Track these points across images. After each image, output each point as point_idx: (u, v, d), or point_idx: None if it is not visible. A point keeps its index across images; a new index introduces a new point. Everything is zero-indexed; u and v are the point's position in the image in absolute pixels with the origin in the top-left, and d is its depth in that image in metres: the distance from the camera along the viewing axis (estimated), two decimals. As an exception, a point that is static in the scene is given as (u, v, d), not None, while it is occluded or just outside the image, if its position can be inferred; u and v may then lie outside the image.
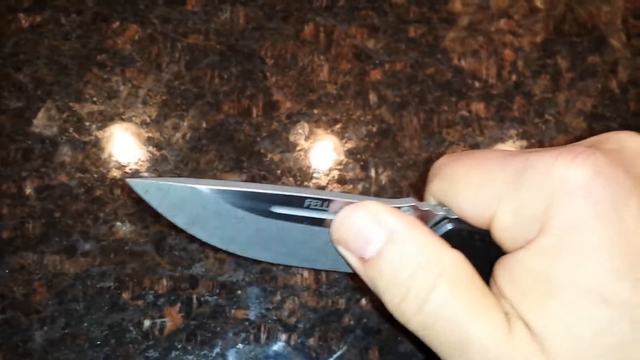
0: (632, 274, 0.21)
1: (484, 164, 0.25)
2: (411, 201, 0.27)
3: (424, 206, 0.26)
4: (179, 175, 0.43)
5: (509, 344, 0.22)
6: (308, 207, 0.26)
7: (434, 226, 0.27)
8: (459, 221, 0.26)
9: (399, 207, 0.26)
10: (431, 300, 0.23)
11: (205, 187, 0.25)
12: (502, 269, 0.24)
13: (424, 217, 0.27)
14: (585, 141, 0.26)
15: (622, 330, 0.21)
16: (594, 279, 0.21)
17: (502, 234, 0.25)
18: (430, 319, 0.23)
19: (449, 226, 0.26)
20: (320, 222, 0.27)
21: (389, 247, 0.24)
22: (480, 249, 0.26)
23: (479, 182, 0.25)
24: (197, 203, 0.26)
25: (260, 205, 0.26)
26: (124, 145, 0.44)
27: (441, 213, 0.26)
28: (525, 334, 0.22)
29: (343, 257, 0.26)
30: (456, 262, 0.24)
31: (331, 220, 0.26)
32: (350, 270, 0.27)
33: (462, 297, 0.23)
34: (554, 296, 0.22)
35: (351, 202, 0.26)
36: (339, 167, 0.44)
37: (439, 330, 0.23)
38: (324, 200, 0.26)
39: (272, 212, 0.26)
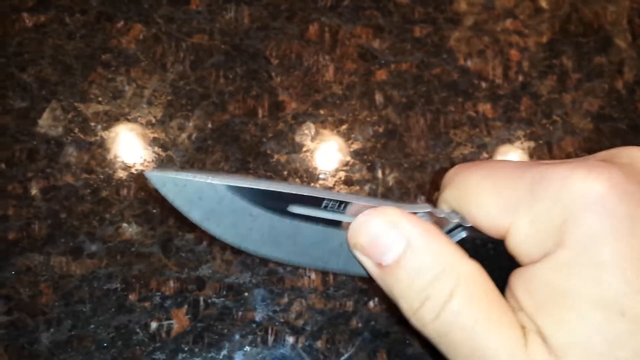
0: None
1: (498, 174, 0.25)
2: (427, 207, 0.26)
3: (439, 213, 0.26)
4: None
5: (525, 358, 0.22)
6: (325, 208, 0.26)
7: (448, 233, 0.27)
8: (472, 229, 0.26)
9: (415, 213, 0.26)
10: (448, 309, 0.23)
11: (222, 182, 0.25)
12: (519, 281, 0.24)
13: (439, 224, 0.26)
14: (597, 155, 0.26)
15: (639, 344, 0.21)
16: (611, 293, 0.21)
17: (518, 246, 0.25)
18: (446, 327, 0.23)
19: (463, 234, 0.26)
20: (336, 224, 0.27)
21: (407, 255, 0.24)
22: (493, 258, 0.26)
23: (493, 192, 0.25)
24: (213, 199, 0.25)
25: (277, 204, 0.26)
26: (130, 146, 0.43)
27: (456, 220, 0.26)
28: (541, 348, 0.22)
29: (359, 262, 0.26)
30: (474, 272, 0.24)
31: (348, 222, 0.26)
32: (362, 273, 0.27)
33: (479, 307, 0.23)
34: (572, 309, 0.22)
35: (369, 206, 0.26)
36: (345, 168, 0.44)
37: (454, 340, 0.23)
38: (341, 202, 0.26)
39: (289, 211, 0.26)
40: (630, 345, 0.21)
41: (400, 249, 0.24)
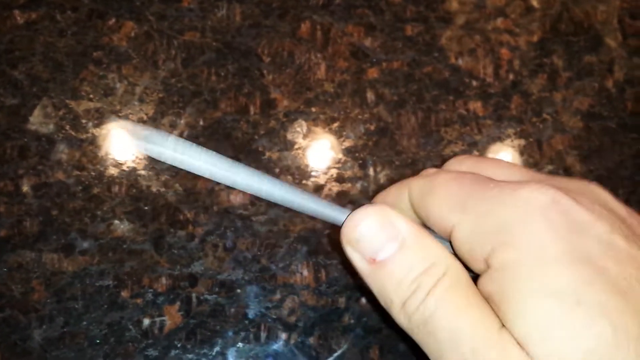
0: (601, 278, 0.22)
1: (464, 180, 0.27)
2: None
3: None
4: (177, 174, 0.43)
5: (499, 346, 0.23)
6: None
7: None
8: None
9: None
10: (432, 294, 0.24)
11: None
12: (480, 286, 0.25)
13: None
14: (558, 179, 0.28)
15: (602, 332, 0.21)
16: (563, 284, 0.22)
17: (461, 244, 0.26)
18: (429, 311, 0.24)
19: None
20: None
21: (402, 251, 0.25)
22: None
23: (450, 191, 0.27)
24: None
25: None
26: (121, 143, 0.43)
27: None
28: (512, 340, 0.23)
29: (349, 257, 0.27)
30: (458, 267, 0.25)
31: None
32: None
33: (460, 294, 0.24)
34: (528, 308, 0.23)
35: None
36: (337, 165, 0.44)
37: (435, 326, 0.24)
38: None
39: None
40: (593, 333, 0.21)
41: (396, 245, 0.25)
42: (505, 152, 0.46)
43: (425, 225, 0.29)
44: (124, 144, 0.44)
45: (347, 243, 0.27)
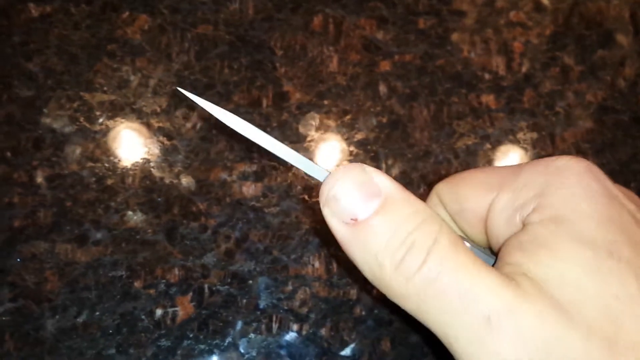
0: (631, 241, 0.23)
1: (493, 167, 0.28)
2: None
3: None
4: (190, 166, 0.43)
5: (518, 295, 0.22)
6: None
7: None
8: None
9: None
10: (434, 253, 0.23)
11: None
12: (506, 247, 0.25)
13: None
14: None
15: (628, 283, 0.22)
16: (599, 237, 0.23)
17: (498, 216, 0.26)
18: (433, 273, 0.22)
19: None
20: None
21: (387, 206, 0.23)
22: None
23: (482, 176, 0.28)
24: None
25: None
26: (135, 135, 0.44)
27: None
28: (533, 287, 0.22)
29: (328, 222, 0.25)
30: (445, 221, 0.24)
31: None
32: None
33: (463, 251, 0.23)
34: (561, 251, 0.23)
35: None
36: (349, 158, 0.44)
37: (441, 287, 0.22)
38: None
39: None
40: (620, 283, 0.22)
41: (378, 202, 0.23)
42: (518, 145, 0.46)
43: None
44: (137, 136, 0.44)
45: (325, 204, 0.24)
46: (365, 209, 0.23)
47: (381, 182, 0.24)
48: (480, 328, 0.22)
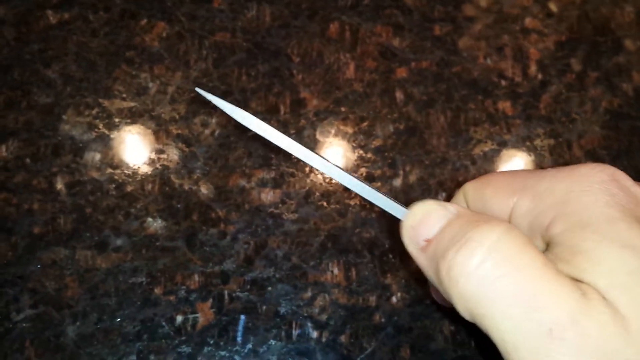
0: None
1: (517, 170, 0.29)
2: None
3: None
4: (208, 172, 0.43)
5: (583, 305, 0.21)
6: None
7: None
8: None
9: None
10: (496, 251, 0.22)
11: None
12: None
13: None
14: None
15: None
16: (633, 237, 0.22)
17: (519, 222, 0.26)
18: (497, 271, 0.22)
19: None
20: None
21: (452, 221, 0.24)
22: None
23: (507, 179, 0.28)
24: None
25: None
26: (154, 142, 0.44)
27: None
28: (598, 296, 0.21)
29: (407, 247, 0.26)
30: (511, 227, 0.24)
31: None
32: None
33: (532, 251, 0.22)
34: (599, 256, 0.22)
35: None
36: (366, 164, 0.44)
37: (504, 288, 0.22)
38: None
39: None
40: None
41: (447, 218, 0.25)
42: (535, 152, 0.46)
43: None
44: (156, 142, 0.44)
45: (406, 234, 0.26)
46: (435, 229, 0.25)
47: (451, 207, 0.25)
48: (542, 339, 0.21)
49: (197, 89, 0.28)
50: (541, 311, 0.21)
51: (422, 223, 0.25)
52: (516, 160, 0.45)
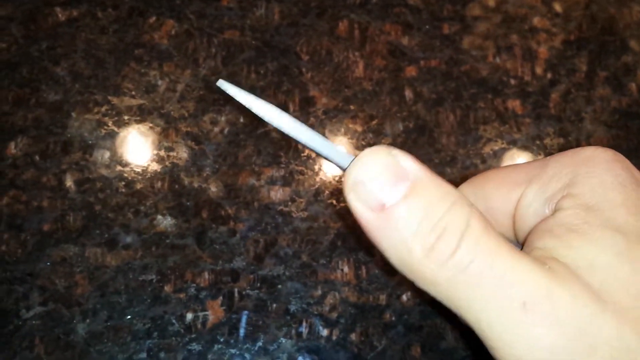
0: None
1: (516, 165, 0.28)
2: None
3: None
4: (218, 170, 0.43)
5: (552, 279, 0.21)
6: None
7: None
8: None
9: None
10: (467, 237, 0.22)
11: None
12: (535, 233, 0.25)
13: None
14: None
15: None
16: (631, 224, 0.23)
17: (526, 208, 0.26)
18: (467, 258, 0.21)
19: None
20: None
21: (417, 190, 0.22)
22: None
23: (508, 174, 0.28)
24: None
25: None
26: (163, 139, 0.44)
27: None
28: (565, 271, 0.22)
29: (353, 208, 0.23)
30: (475, 206, 0.23)
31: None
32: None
33: (494, 234, 0.22)
34: (592, 237, 0.23)
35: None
36: (376, 163, 0.44)
37: (475, 273, 0.21)
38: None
39: None
40: None
41: (407, 186, 0.22)
42: (545, 151, 0.46)
43: None
44: (166, 140, 0.44)
45: (350, 190, 0.23)
46: (394, 194, 0.22)
47: (408, 165, 0.22)
48: (515, 313, 0.21)
49: (221, 82, 0.26)
50: (513, 287, 0.21)
51: (376, 180, 0.22)
52: (526, 159, 0.45)
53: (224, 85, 0.26)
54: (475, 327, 0.22)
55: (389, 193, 0.22)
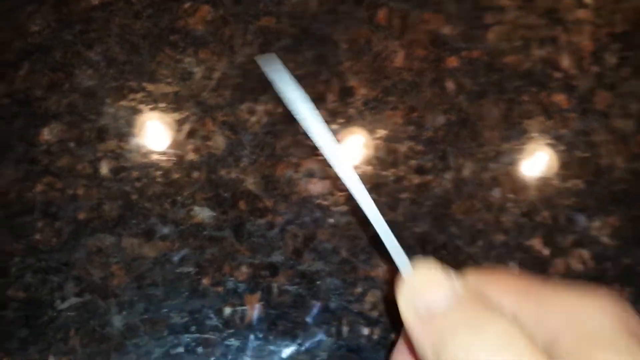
0: None
1: (523, 279, 0.27)
2: None
3: None
4: (255, 161, 0.42)
5: None
6: None
7: None
8: None
9: None
10: (506, 346, 0.22)
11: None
12: None
13: None
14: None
15: None
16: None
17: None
18: None
19: None
20: None
21: (462, 303, 0.24)
22: None
23: (510, 286, 0.27)
24: None
25: None
26: (200, 128, 0.43)
27: None
28: None
29: (400, 306, 0.26)
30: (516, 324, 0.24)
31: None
32: None
33: (533, 350, 0.22)
34: None
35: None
36: (417, 156, 0.43)
37: None
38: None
39: None
40: None
41: (451, 300, 0.24)
42: (591, 148, 0.44)
43: None
44: (202, 129, 0.43)
45: (407, 294, 0.25)
46: (438, 306, 0.24)
47: (458, 282, 0.25)
48: None
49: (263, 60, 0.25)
50: None
51: (428, 291, 0.24)
52: (573, 156, 0.44)
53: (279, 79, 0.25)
54: None
55: (435, 304, 0.24)
